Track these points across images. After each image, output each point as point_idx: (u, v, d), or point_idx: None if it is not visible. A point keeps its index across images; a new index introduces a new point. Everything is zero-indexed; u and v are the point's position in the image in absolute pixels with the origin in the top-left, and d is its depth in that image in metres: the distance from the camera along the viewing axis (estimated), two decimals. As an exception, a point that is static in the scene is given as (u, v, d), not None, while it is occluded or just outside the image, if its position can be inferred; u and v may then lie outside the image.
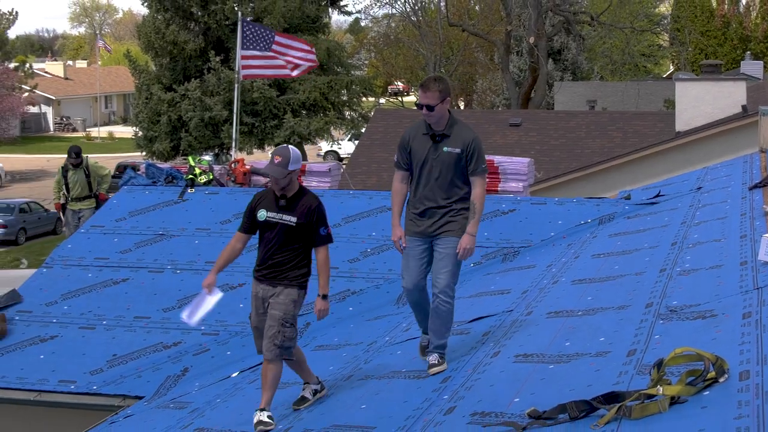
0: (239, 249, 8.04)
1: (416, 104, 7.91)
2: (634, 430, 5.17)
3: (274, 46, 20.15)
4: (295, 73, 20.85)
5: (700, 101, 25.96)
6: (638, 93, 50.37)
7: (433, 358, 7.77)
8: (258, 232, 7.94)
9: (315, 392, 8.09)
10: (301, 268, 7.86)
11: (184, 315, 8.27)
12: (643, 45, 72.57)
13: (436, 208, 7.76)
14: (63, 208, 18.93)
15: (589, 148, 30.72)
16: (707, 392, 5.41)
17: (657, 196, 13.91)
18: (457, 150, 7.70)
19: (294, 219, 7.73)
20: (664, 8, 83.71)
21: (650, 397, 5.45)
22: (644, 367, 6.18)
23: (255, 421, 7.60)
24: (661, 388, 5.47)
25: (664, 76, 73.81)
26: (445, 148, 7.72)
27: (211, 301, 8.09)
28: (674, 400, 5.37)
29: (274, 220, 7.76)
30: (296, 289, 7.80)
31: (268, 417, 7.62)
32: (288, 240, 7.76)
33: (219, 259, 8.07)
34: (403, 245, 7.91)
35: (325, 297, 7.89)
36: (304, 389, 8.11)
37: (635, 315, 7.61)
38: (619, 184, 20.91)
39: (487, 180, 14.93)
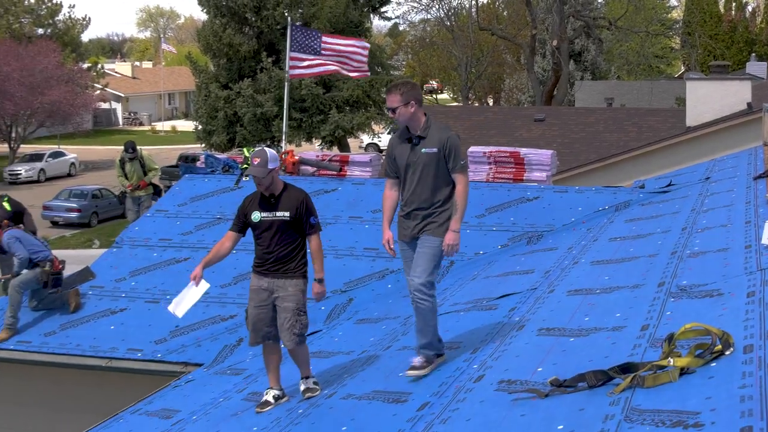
0: (228, 247, 7.94)
1: (385, 108, 7.64)
2: (647, 398, 5.15)
3: (323, 47, 20.14)
4: (354, 74, 20.87)
5: (709, 99, 25.78)
6: (652, 91, 50.09)
7: (416, 360, 7.32)
8: (254, 232, 7.80)
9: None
10: (301, 259, 7.77)
11: (171, 307, 8.18)
12: (656, 47, 72.21)
13: (420, 210, 7.33)
14: (123, 195, 19.12)
15: (607, 142, 30.55)
16: (714, 364, 5.39)
17: (669, 185, 13.83)
18: (434, 150, 7.26)
19: (287, 213, 7.65)
20: (676, 14, 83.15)
21: (662, 367, 5.43)
22: (656, 341, 6.16)
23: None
24: (671, 360, 5.45)
25: (676, 76, 73.29)
26: (423, 150, 7.29)
27: (198, 292, 7.99)
28: (684, 371, 5.35)
29: (269, 218, 7.68)
30: (301, 279, 7.72)
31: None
32: (286, 234, 7.67)
33: (208, 255, 8.01)
34: (391, 245, 7.54)
35: (321, 281, 7.79)
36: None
37: (648, 293, 7.58)
38: (634, 174, 20.78)
39: (515, 169, 15.04)
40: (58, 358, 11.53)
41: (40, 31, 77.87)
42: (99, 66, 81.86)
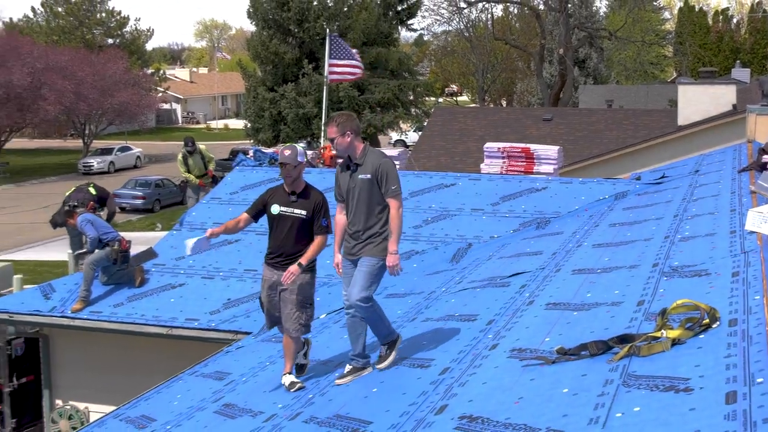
0: (241, 227, 7.69)
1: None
2: (642, 365, 5.13)
3: (356, 56, 20.21)
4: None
5: (698, 101, 25.57)
6: (647, 94, 49.76)
7: (381, 349, 7.14)
8: (269, 223, 7.44)
9: (305, 356, 7.58)
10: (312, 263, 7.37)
11: (189, 243, 7.89)
12: (651, 55, 71.74)
13: (359, 232, 6.98)
14: (184, 184, 19.26)
15: (607, 139, 30.40)
16: (702, 336, 5.36)
17: (662, 177, 13.74)
18: (368, 176, 6.90)
19: (304, 212, 7.28)
20: (669, 25, 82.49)
21: (655, 338, 5.41)
22: (651, 315, 6.13)
23: (287, 383, 7.24)
24: (664, 332, 5.43)
25: (669, 80, 72.73)
26: (359, 176, 6.93)
27: (205, 244, 7.82)
28: (675, 342, 5.33)
29: (286, 213, 7.31)
30: (308, 274, 7.31)
31: (296, 378, 7.32)
32: (299, 231, 7.28)
33: (225, 224, 7.71)
34: (340, 268, 7.22)
35: (300, 265, 7.16)
36: (296, 356, 7.54)
37: (644, 273, 7.54)
38: (631, 167, 20.64)
39: (526, 163, 15.00)
40: (125, 326, 11.61)
41: (110, 41, 78.39)
42: (161, 71, 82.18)
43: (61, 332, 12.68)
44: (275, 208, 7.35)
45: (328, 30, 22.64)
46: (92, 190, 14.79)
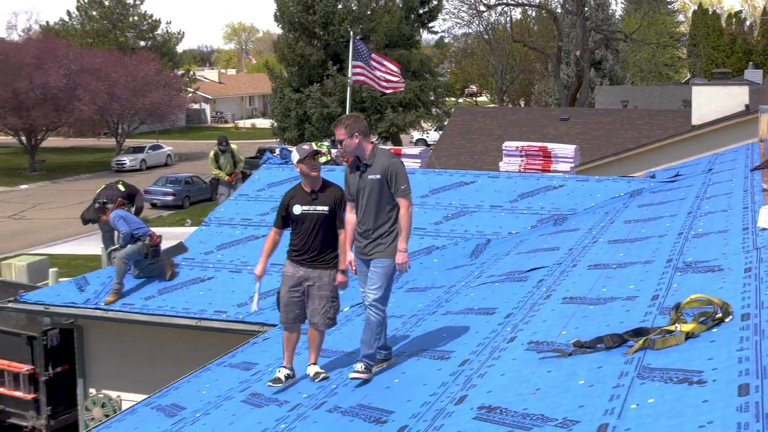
0: (278, 240, 7.49)
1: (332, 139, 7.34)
2: (657, 358, 5.11)
3: (371, 63, 20.20)
4: (387, 90, 20.89)
5: (712, 101, 25.41)
6: (662, 95, 49.50)
7: (359, 365, 6.78)
8: (293, 225, 7.33)
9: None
10: (334, 250, 7.29)
11: (253, 307, 7.85)
12: (666, 57, 71.37)
13: (370, 231, 6.90)
14: (216, 181, 19.34)
15: (623, 138, 30.24)
16: (715, 330, 5.33)
17: (676, 175, 13.65)
18: (378, 176, 6.83)
19: (326, 208, 7.22)
20: (684, 28, 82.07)
21: (670, 332, 5.38)
22: (665, 309, 6.10)
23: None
24: (678, 326, 5.40)
25: (683, 81, 72.33)
26: (369, 177, 6.86)
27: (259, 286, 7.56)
28: (689, 335, 5.30)
29: (309, 212, 7.23)
30: (334, 270, 7.25)
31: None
32: (324, 227, 7.23)
33: (265, 252, 7.47)
34: (354, 266, 7.13)
35: (344, 272, 7.24)
36: (311, 367, 7.40)
37: (658, 268, 7.49)
38: (646, 166, 20.54)
39: (543, 162, 14.94)
40: (156, 318, 11.66)
41: (142, 43, 78.72)
42: (191, 73, 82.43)
43: (95, 323, 12.76)
44: (297, 209, 7.26)
45: (351, 33, 22.65)
46: (121, 187, 14.90)
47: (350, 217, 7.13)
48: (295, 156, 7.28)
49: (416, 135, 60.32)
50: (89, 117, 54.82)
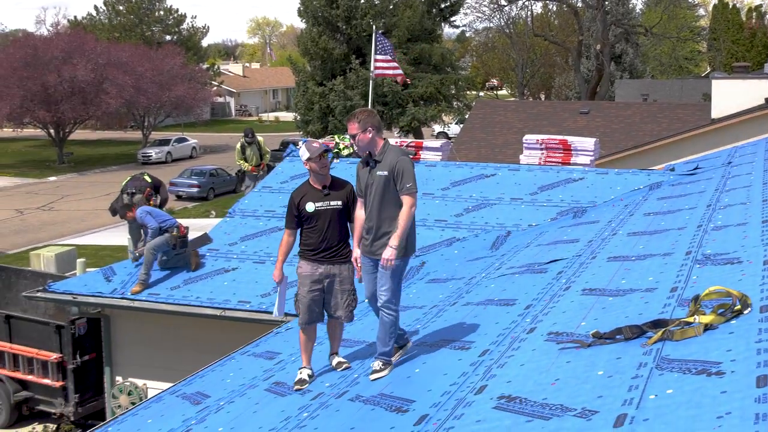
0: (293, 242, 7.30)
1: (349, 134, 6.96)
2: (675, 349, 5.08)
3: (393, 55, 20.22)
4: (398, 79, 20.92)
5: (731, 95, 25.19)
6: (682, 88, 49.15)
7: (375, 364, 6.73)
8: (306, 223, 7.13)
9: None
10: (349, 245, 7.19)
11: (275, 313, 7.73)
12: (686, 51, 70.91)
13: (373, 229, 6.74)
14: (243, 173, 19.40)
15: (642, 131, 30.08)
16: (734, 321, 5.29)
17: (695, 168, 13.56)
18: (385, 173, 6.64)
19: (339, 203, 7.10)
20: (704, 22, 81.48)
21: (688, 324, 5.35)
22: (684, 301, 6.06)
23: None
24: (697, 317, 5.36)
25: (703, 75, 71.80)
26: (377, 173, 6.69)
27: (284, 287, 7.54)
28: (708, 327, 5.26)
29: (323, 208, 7.06)
30: (350, 264, 7.13)
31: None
32: (338, 222, 7.10)
33: (281, 255, 7.36)
34: (359, 263, 6.97)
35: (356, 260, 7.02)
36: (334, 357, 7.41)
37: (677, 260, 7.45)
38: (666, 159, 20.41)
39: (563, 154, 14.87)
40: (181, 308, 11.73)
41: (168, 37, 79.12)
42: (216, 67, 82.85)
43: (122, 313, 12.84)
44: (310, 206, 7.08)
45: (374, 27, 22.63)
46: (148, 178, 14.97)
47: (359, 213, 6.99)
48: (304, 154, 7.11)
49: (437, 128, 60.23)
50: (116, 110, 55.13)
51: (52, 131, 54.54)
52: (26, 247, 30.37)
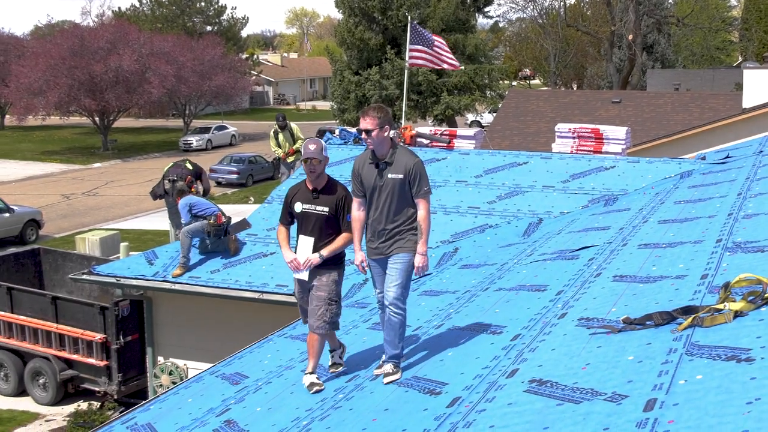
0: (288, 233, 6.93)
1: (357, 130, 6.65)
2: (705, 336, 5.03)
3: (435, 46, 20.10)
4: (445, 66, 20.71)
5: (763, 84, 24.85)
6: (713, 78, 48.53)
7: (387, 367, 6.38)
8: (297, 221, 6.81)
9: (340, 357, 6.96)
10: (337, 255, 6.72)
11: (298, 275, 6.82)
12: (717, 41, 69.98)
13: (387, 230, 6.37)
14: (277, 161, 19.42)
15: (674, 120, 29.75)
16: (764, 309, 5.23)
17: (726, 157, 13.39)
18: (400, 176, 6.28)
19: (327, 209, 6.61)
20: (736, 12, 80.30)
21: (718, 310, 5.29)
22: (714, 288, 6.00)
23: (307, 383, 6.62)
24: (727, 305, 5.31)
25: (734, 65, 70.82)
26: (389, 175, 6.31)
27: (303, 254, 6.71)
28: (737, 314, 5.20)
29: (309, 211, 6.66)
30: (336, 270, 6.69)
31: (317, 378, 6.65)
32: (324, 228, 6.62)
33: (282, 242, 6.89)
34: (365, 266, 6.53)
35: (321, 256, 6.58)
36: (333, 355, 6.99)
37: (708, 248, 7.37)
38: (697, 148, 20.18)
39: (595, 143, 14.75)
40: (221, 291, 11.81)
41: (209, 28, 79.43)
42: (255, 57, 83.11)
43: (163, 295, 12.95)
44: (298, 206, 6.74)
45: (409, 17, 22.55)
46: (189, 165, 15.07)
47: (359, 214, 6.57)
48: (303, 152, 6.68)
49: (471, 117, 60.00)
50: (158, 99, 55.48)
51: (97, 119, 55.02)
52: (72, 231, 30.72)
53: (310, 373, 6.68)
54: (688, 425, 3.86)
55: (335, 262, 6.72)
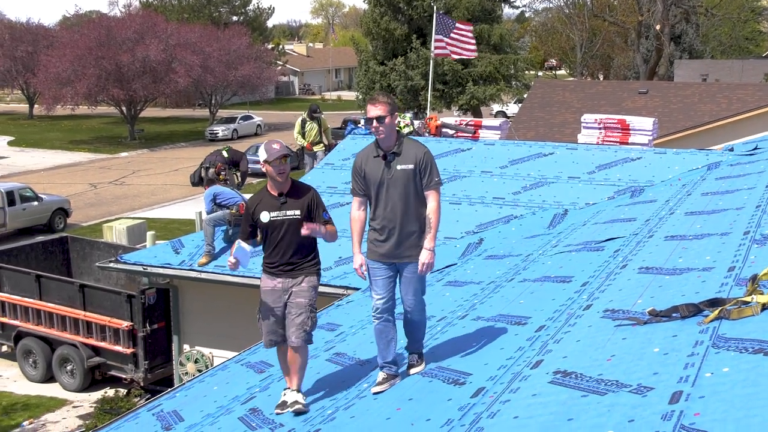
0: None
1: (365, 119, 6.01)
2: (732, 328, 4.99)
3: (452, 33, 20.04)
4: (465, 54, 20.64)
5: (793, 75, 24.60)
6: (742, 69, 48.01)
7: (412, 358, 6.22)
8: (263, 233, 6.25)
9: (297, 402, 6.16)
10: (315, 257, 6.29)
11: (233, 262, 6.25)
12: (746, 31, 69.21)
13: (396, 230, 5.92)
14: (302, 150, 19.41)
15: (701, 111, 29.49)
16: (792, 301, 5.18)
17: (755, 149, 13.26)
18: (410, 166, 5.86)
19: (298, 212, 6.12)
20: (765, 2, 79.39)
21: (746, 303, 5.25)
22: (741, 281, 5.95)
23: (291, 401, 6.14)
24: (754, 297, 5.26)
25: (764, 55, 70.04)
26: (398, 167, 5.88)
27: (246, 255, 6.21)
28: (765, 307, 5.16)
29: (279, 218, 6.13)
30: (315, 276, 6.25)
31: (303, 398, 6.18)
32: (295, 233, 6.09)
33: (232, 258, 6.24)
34: (364, 270, 6.07)
35: (316, 229, 6.18)
36: (286, 394, 6.27)
37: (735, 240, 7.31)
38: (725, 139, 20.02)
39: (621, 134, 14.66)
40: (247, 279, 11.84)
41: (235, 18, 79.54)
42: (280, 47, 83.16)
43: (189, 284, 13.02)
44: (265, 216, 6.16)
45: (435, 7, 22.50)
46: (225, 153, 15.17)
47: (358, 214, 6.17)
48: (262, 154, 6.13)
49: (496, 107, 59.80)
50: (185, 89, 55.69)
51: (124, 109, 55.32)
52: (99, 220, 30.94)
53: (295, 390, 6.20)
54: (714, 418, 3.83)
55: (314, 266, 6.28)
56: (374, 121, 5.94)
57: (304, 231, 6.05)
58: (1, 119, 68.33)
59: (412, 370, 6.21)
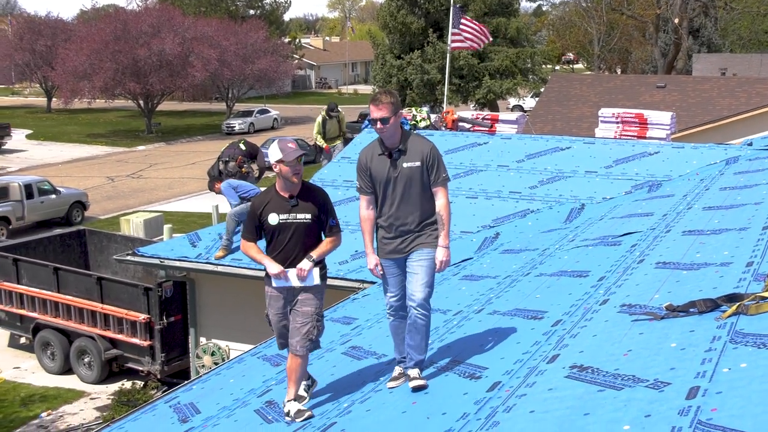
0: (257, 245, 6.08)
1: (368, 120, 5.61)
2: (750, 324, 4.97)
3: (460, 26, 20.04)
4: (483, 42, 20.65)
5: (812, 69, 24.43)
6: (761, 63, 47.69)
7: (414, 371, 5.85)
8: (268, 235, 5.98)
9: (307, 390, 6.17)
10: (320, 260, 5.99)
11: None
12: (766, 24, 68.64)
13: (405, 226, 5.82)
14: (320, 147, 19.42)
15: (720, 106, 29.34)
16: (811, 297, 5.15)
17: (774, 143, 13.18)
18: (417, 163, 5.75)
19: (309, 216, 5.86)
20: (786, -5, 78.81)
21: (764, 298, 5.23)
22: (759, 276, 5.92)
23: (294, 410, 5.92)
24: (773, 292, 5.24)
25: (783, 49, 69.55)
26: (404, 164, 5.76)
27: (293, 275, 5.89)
28: (783, 302, 5.14)
29: (288, 221, 5.86)
30: (322, 282, 6.00)
31: (302, 405, 5.99)
32: (307, 238, 5.90)
33: (258, 259, 6.06)
34: (380, 270, 5.97)
35: (310, 258, 5.89)
36: (286, 405, 6.02)
37: (753, 235, 7.27)
38: (743, 133, 19.90)
39: (639, 128, 14.60)
40: (263, 272, 11.83)
41: (252, 12, 79.62)
42: (297, 40, 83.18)
43: (206, 277, 13.07)
44: (273, 218, 5.88)
45: (452, 1, 22.45)
46: (242, 146, 15.15)
47: (368, 213, 6.00)
48: (275, 154, 5.82)
49: (513, 101, 59.68)
50: (202, 82, 55.84)
51: (141, 102, 55.53)
52: (117, 213, 31.08)
53: (292, 400, 5.99)
54: (732, 414, 3.82)
55: (319, 273, 5.99)
56: (378, 122, 5.80)
57: (298, 274, 5.86)
58: (19, 113, 68.71)
59: (414, 383, 5.78)
